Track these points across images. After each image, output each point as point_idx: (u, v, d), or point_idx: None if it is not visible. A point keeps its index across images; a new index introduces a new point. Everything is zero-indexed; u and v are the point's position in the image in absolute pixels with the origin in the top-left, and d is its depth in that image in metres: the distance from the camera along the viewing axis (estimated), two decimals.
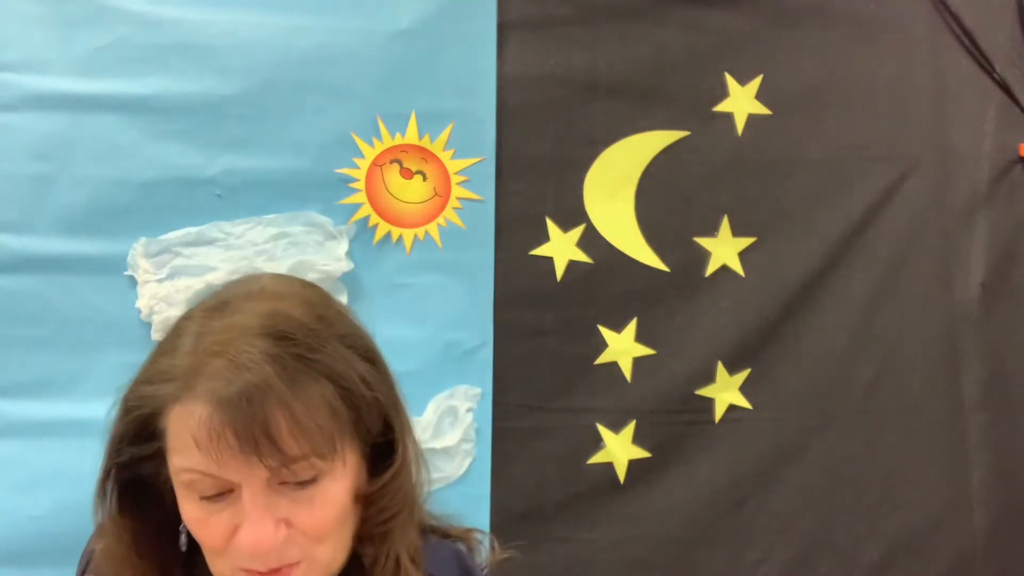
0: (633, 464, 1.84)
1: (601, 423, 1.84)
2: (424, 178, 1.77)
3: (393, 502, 0.81)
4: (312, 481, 0.75)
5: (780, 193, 1.90)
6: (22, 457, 1.63)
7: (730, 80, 1.89)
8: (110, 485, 0.81)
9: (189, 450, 0.73)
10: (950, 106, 1.96)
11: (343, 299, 1.72)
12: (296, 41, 1.71)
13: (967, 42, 1.96)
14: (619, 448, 1.84)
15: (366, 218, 1.74)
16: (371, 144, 1.75)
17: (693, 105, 1.88)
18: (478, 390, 1.77)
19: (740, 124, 1.89)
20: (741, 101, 1.89)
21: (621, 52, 1.85)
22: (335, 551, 0.80)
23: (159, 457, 0.78)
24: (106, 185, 1.66)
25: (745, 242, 1.89)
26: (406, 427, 0.84)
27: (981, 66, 1.96)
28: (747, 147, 1.89)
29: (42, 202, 1.64)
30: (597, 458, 1.84)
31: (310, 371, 0.75)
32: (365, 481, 0.81)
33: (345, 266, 1.72)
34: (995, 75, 1.96)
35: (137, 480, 0.81)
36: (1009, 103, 1.96)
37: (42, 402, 1.64)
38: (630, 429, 1.84)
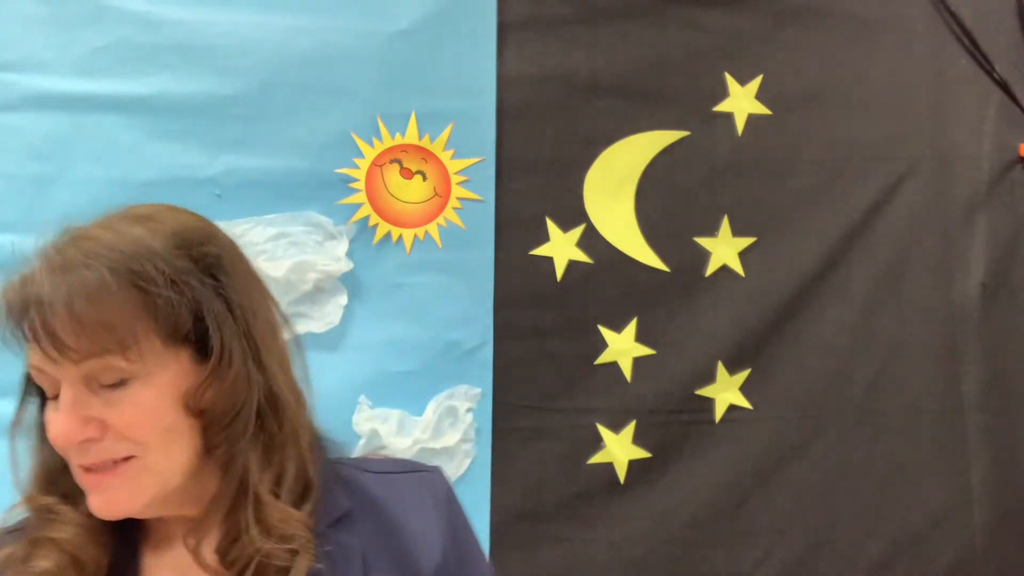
0: (633, 464, 1.84)
1: (601, 423, 1.84)
2: (424, 178, 1.77)
3: (219, 409, 0.80)
4: (120, 384, 0.77)
5: (780, 193, 1.90)
6: (22, 457, 1.62)
7: (730, 80, 1.89)
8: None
9: (28, 343, 0.78)
10: (950, 106, 1.96)
11: (343, 299, 1.72)
12: (296, 41, 1.71)
13: (967, 42, 1.96)
14: (619, 448, 1.84)
15: (366, 218, 1.74)
16: (371, 144, 1.75)
17: (693, 105, 1.88)
18: (478, 390, 1.77)
19: (740, 124, 1.89)
20: (741, 101, 1.89)
21: (621, 52, 1.85)
22: (168, 459, 0.80)
23: None
24: (106, 185, 1.66)
25: (745, 242, 1.89)
26: (247, 343, 0.81)
27: (981, 66, 1.96)
28: (747, 147, 1.89)
29: (42, 202, 1.64)
30: (597, 458, 1.84)
31: (108, 273, 0.76)
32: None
33: (345, 266, 1.72)
34: (995, 75, 1.96)
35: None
36: (1009, 103, 1.96)
37: None
38: (630, 429, 1.84)
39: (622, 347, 1.84)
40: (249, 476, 0.81)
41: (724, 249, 1.88)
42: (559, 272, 1.83)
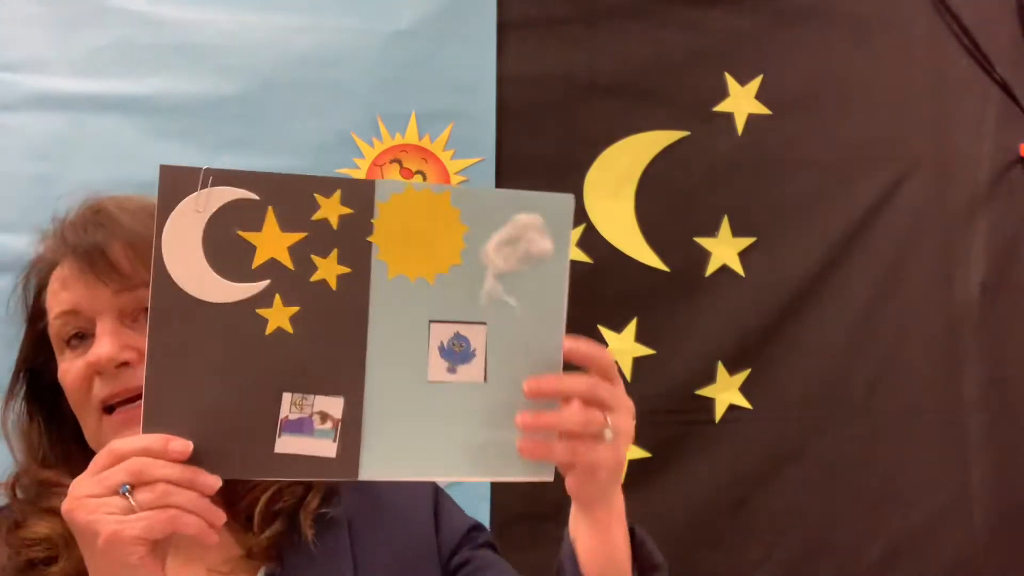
0: (633, 464, 1.84)
1: None
2: (424, 178, 1.77)
3: None
4: None
5: (780, 193, 1.90)
6: None
7: (730, 80, 1.89)
8: (19, 386, 0.93)
9: (55, 295, 0.87)
10: (950, 106, 1.96)
11: None
12: (296, 41, 1.72)
13: (967, 42, 1.96)
14: None
15: None
16: (371, 144, 1.75)
17: (693, 105, 1.88)
18: None
19: (740, 124, 1.89)
20: (741, 101, 1.89)
21: (621, 52, 1.85)
22: None
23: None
24: (106, 185, 1.64)
25: (745, 242, 1.89)
26: None
27: (981, 66, 1.96)
28: (747, 147, 1.89)
29: (42, 202, 1.64)
30: None
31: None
32: None
33: None
34: (995, 75, 1.96)
35: (42, 387, 0.92)
36: (1009, 103, 1.96)
37: None
38: None
39: (622, 347, 1.84)
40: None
41: (724, 249, 1.88)
42: None
